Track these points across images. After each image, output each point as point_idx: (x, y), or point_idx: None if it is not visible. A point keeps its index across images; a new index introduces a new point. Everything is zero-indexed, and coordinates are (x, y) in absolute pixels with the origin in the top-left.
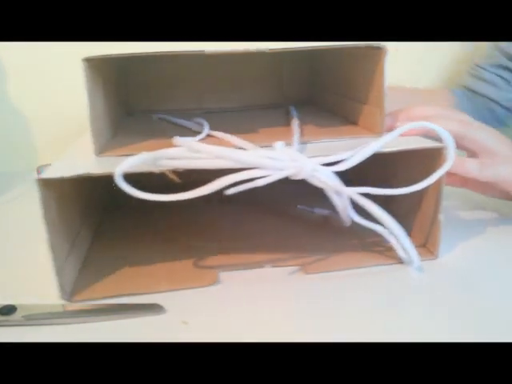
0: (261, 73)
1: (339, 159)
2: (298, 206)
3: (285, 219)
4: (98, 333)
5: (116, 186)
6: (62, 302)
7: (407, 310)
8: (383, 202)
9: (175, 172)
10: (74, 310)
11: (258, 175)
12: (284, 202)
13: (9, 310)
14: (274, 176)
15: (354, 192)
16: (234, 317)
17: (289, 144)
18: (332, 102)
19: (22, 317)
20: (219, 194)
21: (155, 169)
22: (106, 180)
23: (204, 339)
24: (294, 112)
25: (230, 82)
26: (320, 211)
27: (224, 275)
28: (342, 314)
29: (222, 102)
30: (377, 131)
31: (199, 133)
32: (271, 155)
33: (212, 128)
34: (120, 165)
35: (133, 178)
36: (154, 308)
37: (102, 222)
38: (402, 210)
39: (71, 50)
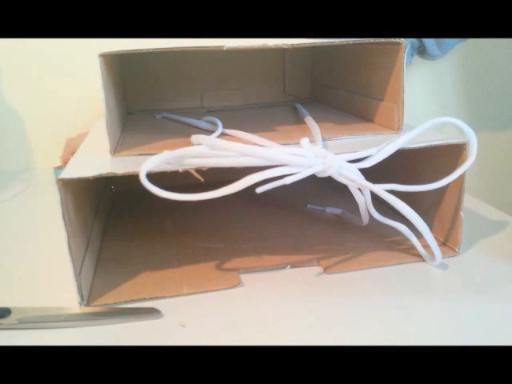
0: (262, 71)
1: (365, 156)
2: (309, 206)
3: (298, 219)
4: (94, 336)
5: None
6: (58, 305)
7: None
8: (403, 198)
9: (198, 171)
10: (70, 314)
11: (287, 173)
12: (291, 201)
13: (3, 312)
14: (303, 173)
15: (381, 189)
16: (233, 320)
17: (312, 141)
18: (340, 99)
19: (17, 320)
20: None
21: (179, 168)
22: (113, 180)
23: (202, 342)
24: (303, 110)
25: (231, 81)
26: (331, 210)
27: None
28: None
29: (223, 100)
30: (395, 128)
31: (210, 132)
32: (299, 152)
33: (223, 127)
34: (144, 164)
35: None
36: (151, 312)
37: (108, 225)
38: (423, 207)
39: (67, 49)
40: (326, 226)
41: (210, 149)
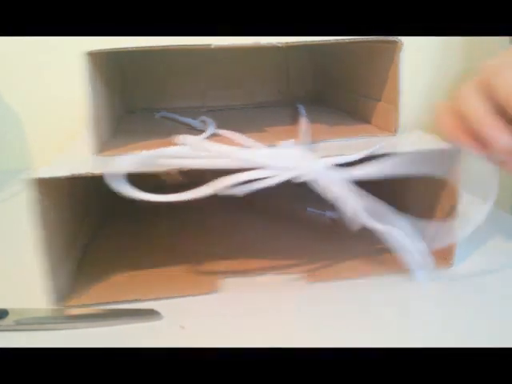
0: (266, 70)
1: (350, 160)
2: (308, 209)
3: (292, 223)
4: (92, 338)
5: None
6: (56, 306)
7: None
8: (394, 206)
9: (180, 172)
10: (68, 316)
11: (263, 176)
12: (294, 204)
13: (0, 314)
14: (281, 177)
15: (363, 197)
16: (232, 322)
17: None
18: (341, 100)
19: (14, 321)
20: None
21: (156, 168)
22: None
23: (201, 344)
24: (302, 110)
25: (233, 80)
26: (331, 214)
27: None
28: (345, 326)
29: (225, 99)
30: (391, 129)
31: (205, 132)
32: (277, 155)
33: (218, 126)
34: (113, 164)
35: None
36: (151, 314)
37: (101, 224)
38: (415, 216)
39: (64, 46)
40: (319, 232)
41: (190, 149)
